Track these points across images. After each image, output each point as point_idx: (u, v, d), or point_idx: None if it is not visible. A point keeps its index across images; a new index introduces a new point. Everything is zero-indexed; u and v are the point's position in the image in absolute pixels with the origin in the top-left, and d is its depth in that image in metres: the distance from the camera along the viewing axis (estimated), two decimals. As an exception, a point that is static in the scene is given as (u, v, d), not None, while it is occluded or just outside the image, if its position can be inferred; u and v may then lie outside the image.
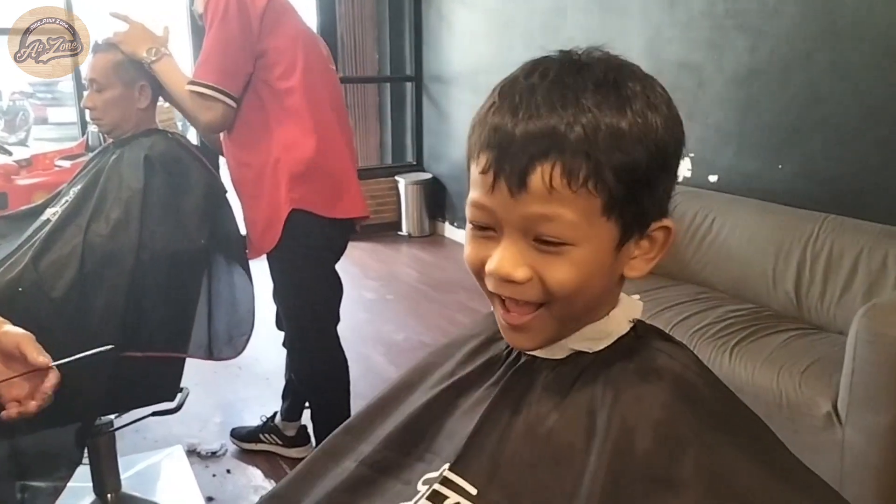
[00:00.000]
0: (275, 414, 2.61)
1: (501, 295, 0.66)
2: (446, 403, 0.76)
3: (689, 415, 0.64)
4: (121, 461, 2.31)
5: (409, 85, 5.89)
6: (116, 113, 1.99)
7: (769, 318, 2.63)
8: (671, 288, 2.94)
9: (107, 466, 2.26)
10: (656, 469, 0.61)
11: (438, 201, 5.68)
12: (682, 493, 0.59)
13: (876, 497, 1.98)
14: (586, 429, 0.65)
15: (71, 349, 1.84)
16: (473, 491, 0.67)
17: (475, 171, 0.64)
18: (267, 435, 2.59)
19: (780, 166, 3.09)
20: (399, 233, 5.73)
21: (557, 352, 0.70)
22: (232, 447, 2.64)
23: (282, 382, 2.63)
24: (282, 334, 2.41)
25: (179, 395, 2.16)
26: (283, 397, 2.57)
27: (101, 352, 1.25)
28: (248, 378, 3.21)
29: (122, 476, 2.31)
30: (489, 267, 0.64)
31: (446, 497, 0.67)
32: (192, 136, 2.73)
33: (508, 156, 0.61)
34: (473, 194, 0.65)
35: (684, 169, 3.52)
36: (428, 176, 5.70)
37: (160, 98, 2.08)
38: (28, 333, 1.04)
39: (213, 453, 2.60)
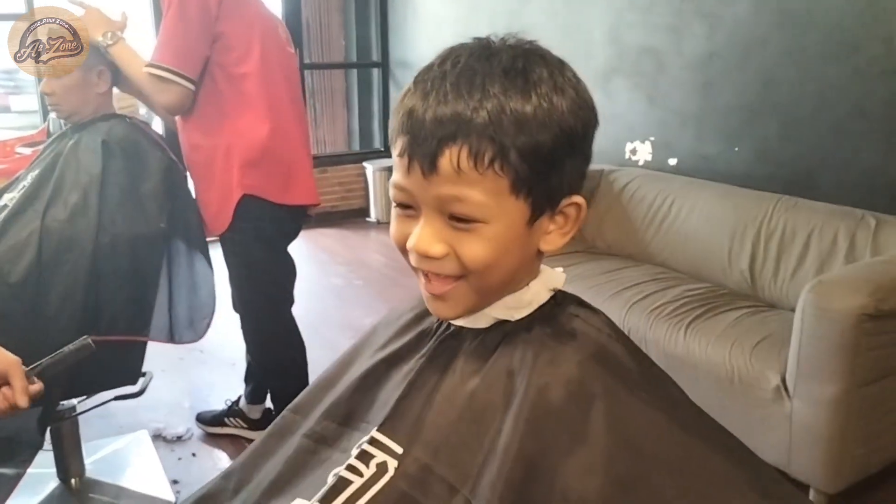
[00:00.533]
0: (239, 398, 2.63)
1: (422, 269, 0.70)
2: (380, 374, 0.80)
3: (600, 372, 0.68)
4: (85, 447, 2.32)
5: (375, 71, 5.88)
6: (75, 98, 1.98)
7: (724, 296, 2.69)
8: (632, 269, 3.00)
9: (70, 451, 2.27)
10: (568, 422, 0.65)
11: (406, 187, 5.68)
12: (590, 443, 0.64)
13: (823, 465, 2.05)
14: (505, 389, 0.69)
15: (30, 334, 1.86)
16: (399, 450, 0.71)
17: (394, 154, 0.68)
18: (232, 419, 2.61)
19: (736, 149, 3.16)
20: (367, 219, 5.74)
21: (481, 321, 0.74)
22: (198, 431, 2.65)
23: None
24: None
25: (142, 380, 2.17)
26: (246, 381, 2.58)
27: (78, 347, 1.24)
28: (214, 363, 3.22)
29: (87, 461, 2.32)
30: (409, 244, 0.69)
31: (374, 456, 0.71)
32: (158, 125, 2.72)
33: (419, 140, 0.64)
34: (394, 176, 0.69)
35: (645, 153, 3.58)
36: (396, 162, 5.70)
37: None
38: (16, 360, 1.08)
39: (179, 437, 2.61)
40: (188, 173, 2.18)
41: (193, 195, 2.19)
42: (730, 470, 0.66)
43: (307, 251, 4.93)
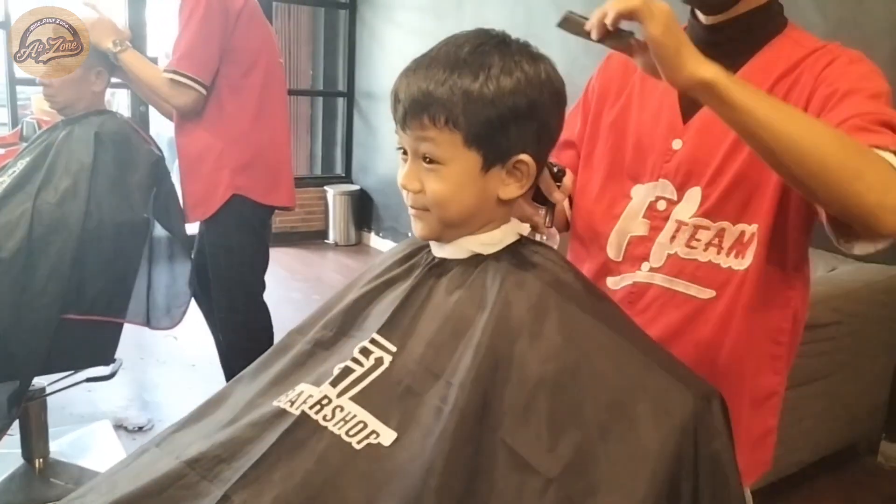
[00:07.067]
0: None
1: (408, 204, 0.93)
2: (374, 296, 0.98)
3: (553, 293, 0.88)
4: (49, 433, 2.39)
5: (340, 100, 6.08)
6: (71, 93, 2.11)
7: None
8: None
9: (36, 433, 2.34)
10: (528, 327, 0.84)
11: (365, 212, 5.86)
12: (545, 341, 0.83)
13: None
14: (480, 303, 0.88)
15: (17, 307, 1.96)
16: (393, 349, 0.89)
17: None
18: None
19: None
20: (326, 241, 5.89)
21: (461, 253, 0.94)
22: (158, 423, 2.74)
23: (207, 370, 2.72)
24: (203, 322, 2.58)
25: (113, 365, 2.27)
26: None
27: None
28: (174, 364, 3.31)
29: (51, 445, 2.39)
30: (399, 181, 0.93)
31: (372, 352, 0.89)
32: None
33: (399, 106, 0.89)
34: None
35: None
36: (356, 187, 5.89)
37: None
38: None
39: (140, 428, 2.70)
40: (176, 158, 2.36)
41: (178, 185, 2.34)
42: (646, 357, 0.85)
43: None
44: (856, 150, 0.85)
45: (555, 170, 0.95)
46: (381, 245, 5.68)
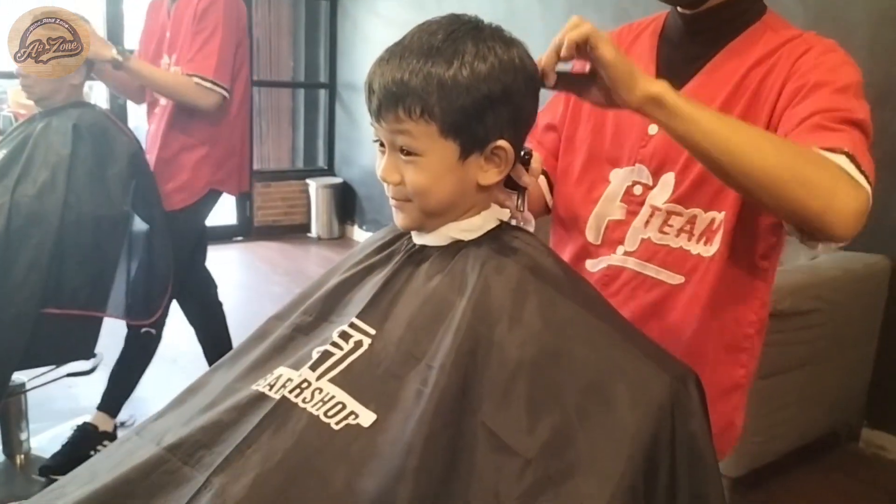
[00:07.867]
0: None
1: (390, 195, 0.93)
2: (355, 282, 0.98)
3: (533, 277, 0.88)
4: (30, 429, 2.37)
5: (322, 91, 6.06)
6: (48, 85, 2.09)
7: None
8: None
9: (16, 428, 2.34)
10: (508, 310, 0.85)
11: (348, 205, 5.85)
12: (525, 324, 0.84)
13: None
14: (460, 288, 0.88)
15: (-5, 299, 1.93)
16: (372, 332, 0.89)
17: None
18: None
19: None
20: (308, 234, 5.87)
21: (441, 240, 0.94)
22: (140, 418, 2.71)
23: (189, 364, 2.72)
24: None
25: (93, 360, 2.26)
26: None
27: None
28: (155, 359, 3.26)
29: (32, 441, 2.38)
30: (378, 174, 0.92)
31: (352, 335, 0.89)
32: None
33: (373, 97, 0.89)
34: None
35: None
36: (339, 180, 5.87)
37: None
38: None
39: (122, 423, 2.67)
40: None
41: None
42: (624, 340, 0.86)
43: (247, 261, 5.03)
44: (802, 157, 0.87)
45: (521, 153, 0.95)
46: (365, 238, 5.65)
